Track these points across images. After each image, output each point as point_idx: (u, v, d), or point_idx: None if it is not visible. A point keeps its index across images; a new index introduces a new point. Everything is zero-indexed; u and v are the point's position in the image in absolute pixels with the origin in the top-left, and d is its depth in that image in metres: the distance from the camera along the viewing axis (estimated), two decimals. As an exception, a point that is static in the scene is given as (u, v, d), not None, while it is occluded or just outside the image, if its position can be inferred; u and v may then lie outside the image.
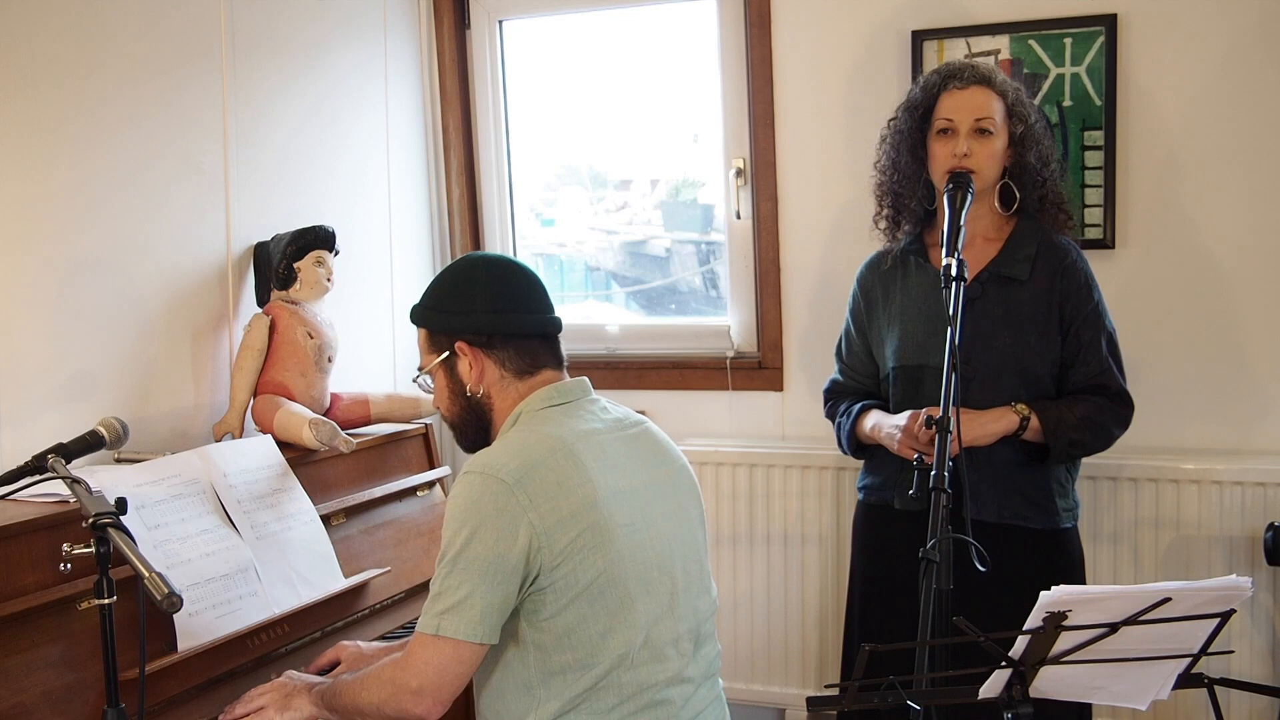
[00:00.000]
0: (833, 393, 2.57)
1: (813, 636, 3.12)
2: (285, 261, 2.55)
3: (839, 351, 2.58)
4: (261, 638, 2.08)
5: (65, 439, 1.88)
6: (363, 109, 3.14)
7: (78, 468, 1.88)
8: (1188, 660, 1.50)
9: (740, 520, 3.15)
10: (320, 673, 2.00)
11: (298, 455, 2.37)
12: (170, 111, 2.48)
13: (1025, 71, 2.88)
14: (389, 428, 2.73)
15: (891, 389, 2.40)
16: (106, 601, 1.55)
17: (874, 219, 2.51)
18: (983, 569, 1.86)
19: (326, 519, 2.36)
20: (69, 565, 1.64)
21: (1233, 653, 2.62)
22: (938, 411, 1.93)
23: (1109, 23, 2.81)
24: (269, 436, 2.38)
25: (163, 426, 2.47)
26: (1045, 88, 2.87)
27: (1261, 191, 2.76)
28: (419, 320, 1.87)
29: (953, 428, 1.91)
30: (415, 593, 2.47)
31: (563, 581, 1.66)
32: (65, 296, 2.25)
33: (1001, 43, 2.90)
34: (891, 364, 2.40)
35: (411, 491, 2.66)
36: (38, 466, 1.82)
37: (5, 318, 2.14)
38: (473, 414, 1.85)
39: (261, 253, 2.65)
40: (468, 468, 1.70)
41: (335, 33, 3.02)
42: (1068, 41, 2.84)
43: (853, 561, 2.56)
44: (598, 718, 1.69)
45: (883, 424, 2.34)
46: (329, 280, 2.60)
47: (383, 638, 2.25)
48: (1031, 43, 2.87)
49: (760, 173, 3.19)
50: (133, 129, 2.39)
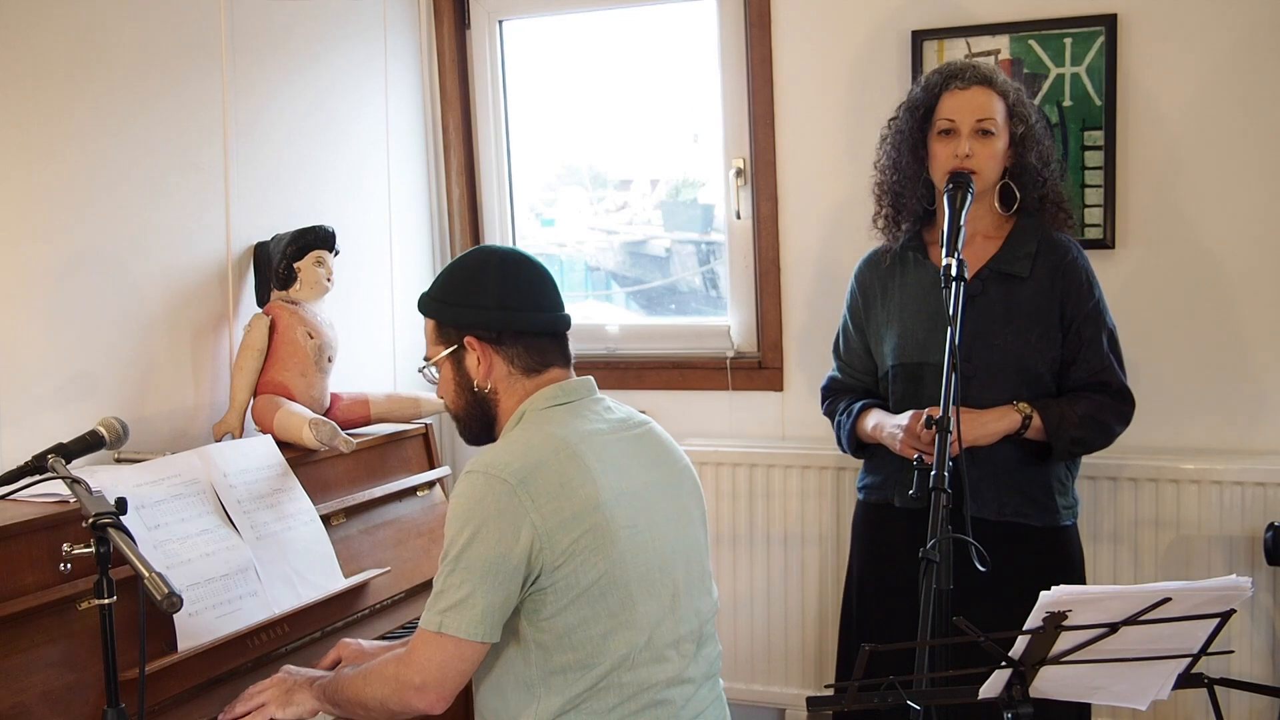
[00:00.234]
0: (831, 390, 2.57)
1: (812, 636, 3.11)
2: (285, 261, 2.55)
3: (836, 348, 2.57)
4: (261, 638, 2.08)
5: (65, 439, 1.88)
6: (363, 108, 3.14)
7: (78, 468, 1.88)
8: (1188, 660, 1.50)
9: (740, 520, 3.15)
10: (322, 671, 2.00)
11: (298, 455, 2.37)
12: (170, 111, 2.48)
13: (1025, 71, 2.87)
14: (389, 428, 2.73)
15: (891, 387, 2.40)
16: (106, 601, 1.55)
17: (873, 218, 2.50)
18: (983, 569, 1.87)
19: (326, 519, 2.36)
20: (69, 565, 1.64)
21: (1233, 653, 2.63)
22: (939, 411, 1.93)
23: (1109, 23, 2.80)
24: (269, 436, 2.38)
25: (163, 426, 2.47)
26: (1045, 88, 2.87)
27: (1262, 191, 2.76)
28: (428, 311, 1.85)
29: (953, 428, 1.91)
30: (415, 593, 2.47)
31: (564, 582, 1.66)
32: (65, 296, 2.25)
33: (1001, 43, 2.90)
34: (891, 362, 2.40)
35: (411, 491, 2.66)
36: (38, 466, 1.82)
37: (5, 318, 2.14)
38: (478, 408, 1.84)
39: (261, 252, 2.65)
40: (470, 467, 1.70)
41: (335, 32, 3.02)
42: (1068, 41, 2.84)
43: (851, 561, 2.55)
44: (598, 717, 1.69)
45: (884, 424, 2.34)
46: (329, 280, 2.61)
47: (383, 637, 2.25)
48: (1031, 43, 2.87)
49: (760, 173, 3.18)
50: (133, 128, 2.39)
